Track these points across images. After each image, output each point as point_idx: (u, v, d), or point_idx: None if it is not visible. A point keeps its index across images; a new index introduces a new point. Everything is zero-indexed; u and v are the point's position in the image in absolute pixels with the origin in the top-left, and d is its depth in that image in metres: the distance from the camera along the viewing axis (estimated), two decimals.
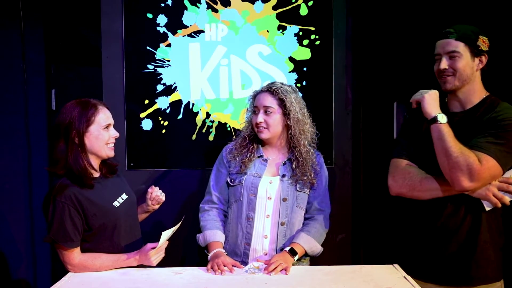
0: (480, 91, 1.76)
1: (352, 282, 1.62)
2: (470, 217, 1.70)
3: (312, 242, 1.90)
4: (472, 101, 1.75)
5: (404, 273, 1.69)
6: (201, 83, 2.49)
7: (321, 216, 1.96)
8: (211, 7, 2.48)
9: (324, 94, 2.54)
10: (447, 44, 1.71)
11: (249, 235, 1.92)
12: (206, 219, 1.97)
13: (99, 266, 1.74)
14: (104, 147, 1.77)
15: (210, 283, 1.64)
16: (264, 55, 2.51)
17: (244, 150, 1.97)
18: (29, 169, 2.81)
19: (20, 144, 2.78)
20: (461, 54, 1.69)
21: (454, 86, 1.73)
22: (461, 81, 1.72)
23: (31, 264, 2.81)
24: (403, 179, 1.77)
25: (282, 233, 1.92)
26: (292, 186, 1.92)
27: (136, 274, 1.73)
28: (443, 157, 1.63)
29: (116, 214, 1.79)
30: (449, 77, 1.72)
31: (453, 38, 1.70)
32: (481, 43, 1.70)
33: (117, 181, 1.90)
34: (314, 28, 2.52)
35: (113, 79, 2.46)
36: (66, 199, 1.69)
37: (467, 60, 1.70)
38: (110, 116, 1.80)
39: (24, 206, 2.80)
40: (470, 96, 1.75)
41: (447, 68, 1.71)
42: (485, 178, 1.61)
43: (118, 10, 2.45)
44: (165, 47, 2.48)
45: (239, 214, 1.94)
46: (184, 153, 2.51)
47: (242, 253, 1.93)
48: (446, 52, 1.71)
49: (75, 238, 1.70)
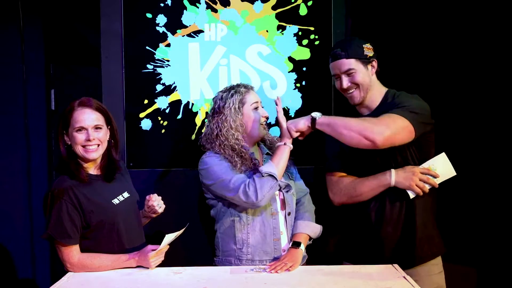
0: (379, 90, 1.97)
1: (351, 282, 1.63)
2: (403, 204, 1.88)
3: (310, 225, 1.96)
4: (375, 102, 1.95)
5: (403, 273, 1.69)
6: (200, 83, 2.49)
7: (305, 198, 2.06)
8: (211, 7, 2.48)
9: (324, 94, 2.54)
10: (341, 64, 1.91)
11: (277, 230, 1.93)
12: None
13: (98, 266, 1.73)
14: (79, 149, 1.76)
15: (209, 283, 1.64)
16: (263, 55, 2.51)
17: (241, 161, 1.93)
18: (29, 169, 2.80)
19: (19, 144, 2.78)
20: (355, 69, 1.90)
21: (362, 98, 1.93)
22: (365, 91, 1.92)
23: (30, 264, 2.81)
24: (340, 190, 1.96)
25: (290, 223, 1.98)
26: (285, 176, 1.99)
27: (136, 274, 1.73)
28: (345, 130, 1.76)
29: (115, 212, 1.78)
30: (354, 92, 1.92)
31: (344, 58, 1.90)
32: (367, 51, 1.92)
33: (121, 179, 1.90)
34: (313, 28, 2.52)
35: (113, 79, 2.46)
36: (63, 195, 1.70)
37: (362, 72, 1.91)
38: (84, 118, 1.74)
39: (24, 206, 2.80)
40: (373, 98, 1.95)
41: (350, 85, 1.91)
42: (398, 128, 1.74)
43: (118, 10, 2.45)
44: (164, 47, 2.47)
45: (262, 211, 1.92)
46: (184, 153, 2.50)
47: (273, 249, 1.92)
48: (342, 71, 1.91)
49: (73, 235, 1.70)
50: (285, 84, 2.52)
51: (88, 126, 1.74)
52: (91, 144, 1.75)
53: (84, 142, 1.74)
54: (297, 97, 2.53)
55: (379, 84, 1.98)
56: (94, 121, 1.76)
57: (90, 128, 1.75)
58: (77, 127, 1.73)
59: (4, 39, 2.75)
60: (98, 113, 1.78)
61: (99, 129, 1.78)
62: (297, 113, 2.52)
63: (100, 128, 1.78)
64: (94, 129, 1.76)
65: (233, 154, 1.90)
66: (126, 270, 1.76)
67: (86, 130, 1.74)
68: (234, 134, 1.91)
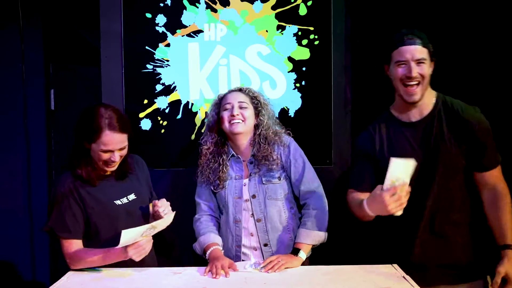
0: (430, 92, 1.79)
1: (351, 281, 1.63)
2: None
3: (312, 234, 1.90)
4: (428, 107, 1.77)
5: (403, 273, 1.69)
6: (200, 83, 2.49)
7: (312, 199, 1.96)
8: (210, 7, 2.48)
9: (323, 94, 2.54)
10: (416, 51, 1.70)
11: (239, 237, 1.96)
12: (198, 227, 1.99)
13: (91, 259, 1.74)
14: (101, 164, 1.77)
15: (209, 282, 1.64)
16: (263, 55, 2.51)
17: (214, 165, 1.98)
18: (28, 169, 2.81)
19: (19, 144, 2.78)
20: (426, 61, 1.72)
21: (420, 97, 1.74)
22: (423, 89, 1.73)
23: (30, 264, 2.81)
24: (355, 211, 1.80)
25: (262, 229, 1.95)
26: (258, 180, 1.95)
27: (135, 274, 1.73)
28: None
29: (116, 212, 1.80)
30: (417, 87, 1.72)
31: (420, 45, 1.70)
32: (431, 48, 1.74)
33: (132, 180, 1.91)
34: (313, 28, 2.52)
35: (112, 79, 2.46)
36: (67, 189, 1.74)
37: (428, 67, 1.74)
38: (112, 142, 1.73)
39: (23, 206, 2.80)
40: (426, 100, 1.77)
41: (417, 74, 1.70)
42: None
43: (117, 10, 2.45)
44: (164, 47, 2.47)
45: (228, 219, 1.97)
46: (183, 153, 2.51)
47: (234, 256, 1.95)
48: (415, 59, 1.70)
49: (73, 229, 1.73)
50: (285, 84, 2.52)
51: (115, 149, 1.75)
52: (114, 162, 1.78)
53: (108, 161, 1.76)
54: (296, 97, 2.53)
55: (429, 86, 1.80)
56: (120, 144, 1.77)
57: (116, 150, 1.76)
58: (104, 149, 1.73)
59: (4, 39, 2.75)
60: (124, 134, 1.78)
61: (123, 148, 1.80)
62: (297, 113, 2.52)
63: (124, 147, 1.80)
64: (119, 150, 1.77)
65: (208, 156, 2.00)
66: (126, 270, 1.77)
67: (112, 152, 1.76)
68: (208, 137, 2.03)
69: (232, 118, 1.93)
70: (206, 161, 2.00)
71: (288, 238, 1.97)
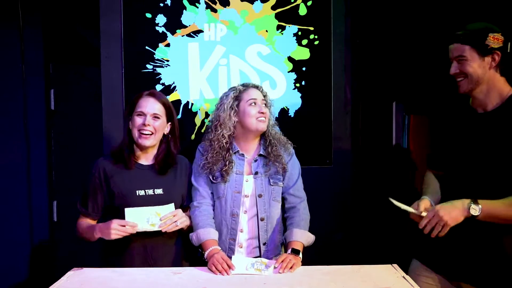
0: (501, 89, 1.72)
1: (351, 281, 1.63)
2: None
3: (305, 235, 1.94)
4: (492, 102, 1.72)
5: (402, 273, 1.69)
6: (200, 83, 2.49)
7: (302, 205, 2.01)
8: (210, 7, 2.48)
9: (323, 94, 2.54)
10: (454, 49, 1.72)
11: (234, 231, 1.96)
12: (197, 216, 1.95)
13: (81, 231, 1.91)
14: (136, 133, 1.88)
15: (209, 282, 1.64)
16: (263, 55, 2.51)
17: (220, 159, 1.96)
18: (28, 169, 2.81)
19: (19, 144, 2.78)
20: (467, 57, 1.69)
21: (468, 89, 1.73)
22: (473, 83, 1.71)
23: (30, 264, 2.81)
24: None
25: (264, 228, 1.96)
26: (266, 181, 1.97)
27: (135, 274, 1.73)
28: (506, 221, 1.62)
29: (134, 202, 1.85)
30: (461, 81, 1.73)
31: (459, 43, 1.70)
32: (491, 41, 1.67)
33: (168, 176, 1.95)
34: (313, 28, 2.52)
35: (112, 79, 2.46)
36: (96, 171, 1.90)
37: (475, 61, 1.69)
38: (147, 105, 1.88)
39: (23, 206, 2.80)
40: (489, 96, 1.72)
41: (457, 72, 1.72)
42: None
43: (117, 10, 2.45)
44: (164, 47, 2.48)
45: (223, 211, 1.97)
46: (183, 152, 2.50)
47: (227, 248, 1.95)
48: (454, 57, 1.73)
49: (90, 210, 1.92)
50: (285, 84, 2.52)
51: (148, 113, 1.88)
52: (146, 130, 1.87)
53: (140, 126, 1.87)
54: (296, 97, 2.53)
55: (502, 81, 1.72)
56: (154, 110, 1.89)
57: (149, 115, 1.88)
58: (139, 111, 1.88)
59: (4, 39, 2.75)
60: (160, 104, 1.91)
61: (157, 118, 1.90)
62: (297, 113, 2.53)
63: (158, 118, 1.90)
64: (152, 117, 1.89)
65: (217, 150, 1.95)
66: (126, 270, 1.77)
67: (145, 116, 1.88)
68: (222, 130, 1.96)
69: (261, 115, 1.94)
70: (215, 153, 1.97)
71: (279, 239, 2.02)
